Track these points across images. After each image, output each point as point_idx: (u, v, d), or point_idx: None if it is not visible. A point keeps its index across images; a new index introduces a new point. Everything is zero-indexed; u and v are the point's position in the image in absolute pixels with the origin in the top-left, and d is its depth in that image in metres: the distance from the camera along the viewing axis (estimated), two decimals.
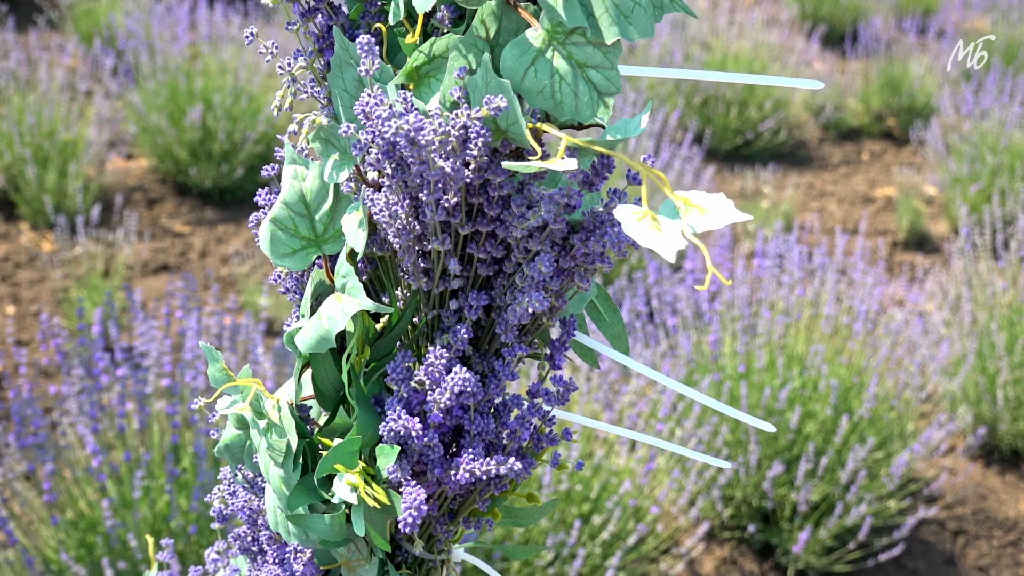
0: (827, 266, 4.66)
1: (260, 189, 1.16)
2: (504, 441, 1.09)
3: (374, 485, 1.05)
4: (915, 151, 8.14)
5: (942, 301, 5.30)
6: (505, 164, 0.94)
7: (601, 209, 1.00)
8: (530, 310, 1.01)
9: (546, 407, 1.09)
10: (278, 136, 1.15)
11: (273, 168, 1.18)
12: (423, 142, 0.96)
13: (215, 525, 1.42)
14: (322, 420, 1.19)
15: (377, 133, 0.98)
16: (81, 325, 3.66)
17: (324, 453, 1.12)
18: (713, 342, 4.31)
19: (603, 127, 1.00)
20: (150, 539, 1.60)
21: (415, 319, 1.13)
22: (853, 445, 4.11)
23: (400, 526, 1.02)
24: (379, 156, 0.99)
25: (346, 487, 1.05)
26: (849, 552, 4.17)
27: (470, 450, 1.06)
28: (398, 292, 1.14)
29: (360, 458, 1.08)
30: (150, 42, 7.07)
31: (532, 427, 1.09)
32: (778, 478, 4.11)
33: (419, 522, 1.01)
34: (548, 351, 1.10)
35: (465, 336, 1.06)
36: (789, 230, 6.37)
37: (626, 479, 3.66)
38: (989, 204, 6.55)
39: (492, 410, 1.09)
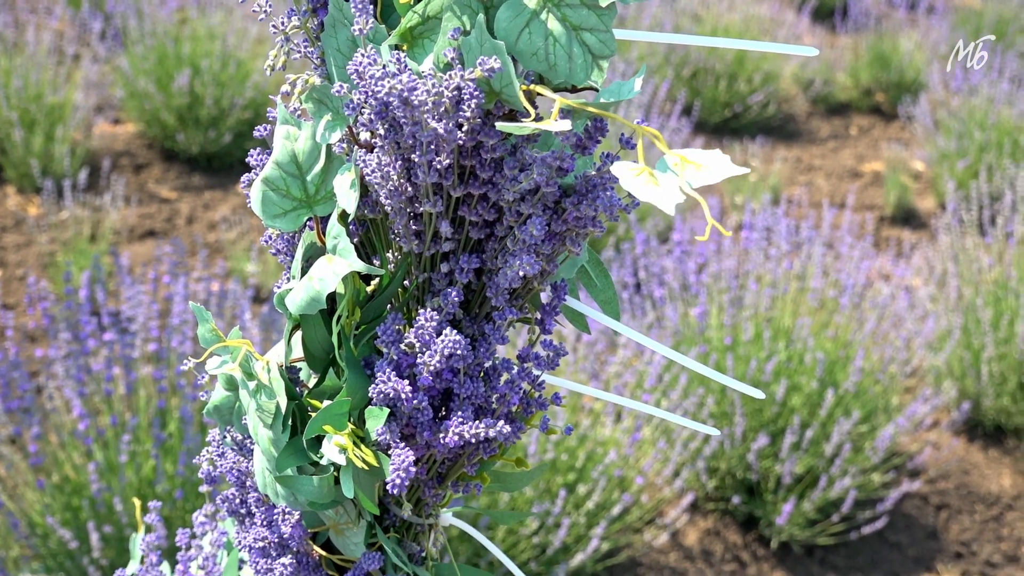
0: (814, 240, 4.66)
1: (249, 155, 1.15)
2: (494, 405, 1.09)
3: (363, 447, 1.05)
4: (903, 126, 8.15)
5: (928, 276, 5.31)
6: (499, 125, 0.93)
7: (594, 173, 1.00)
8: (521, 273, 1.00)
9: (536, 371, 1.09)
10: (270, 96, 1.14)
11: (265, 129, 1.17)
12: (416, 102, 0.95)
13: (203, 488, 1.42)
14: (311, 382, 1.19)
15: (370, 93, 0.97)
16: (68, 289, 3.65)
17: (313, 415, 1.12)
18: (700, 314, 4.31)
19: (596, 90, 1.00)
20: (137, 502, 1.60)
21: (405, 282, 1.13)
22: (838, 418, 4.12)
23: (388, 487, 1.01)
24: (372, 116, 0.99)
25: (335, 448, 1.04)
26: (832, 525, 4.18)
27: (459, 413, 1.06)
28: (389, 255, 1.14)
29: (349, 420, 1.08)
30: (138, 6, 7.03)
31: (522, 391, 1.09)
32: (763, 450, 4.12)
33: (407, 484, 1.01)
34: (538, 315, 1.10)
35: (456, 299, 1.05)
36: (777, 203, 6.37)
37: (611, 449, 3.67)
38: (976, 180, 6.55)
39: (482, 374, 1.09)
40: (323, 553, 1.21)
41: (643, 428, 3.89)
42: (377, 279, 1.13)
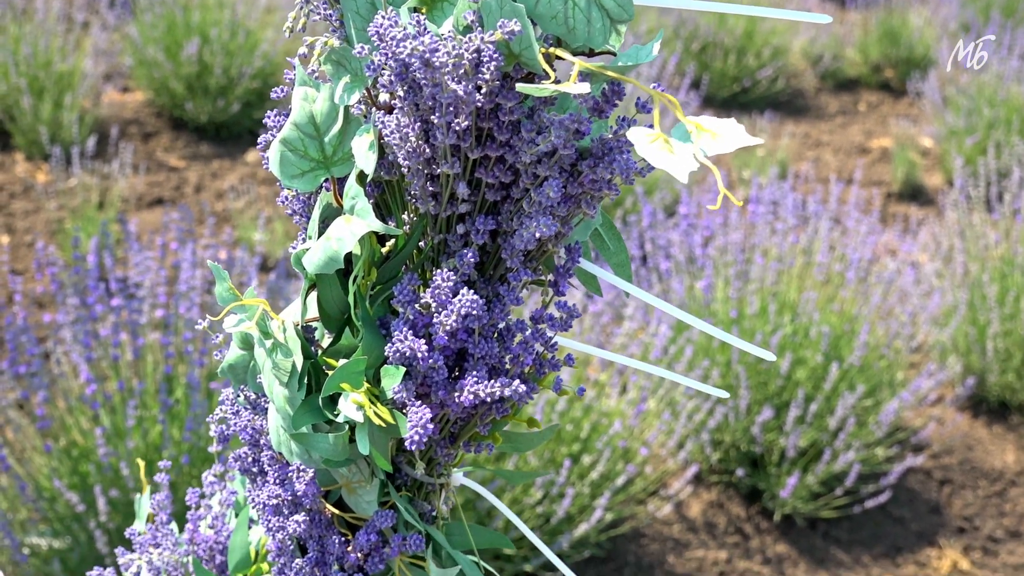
0: (821, 214, 4.66)
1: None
2: (507, 366, 1.10)
3: (379, 405, 1.06)
4: (912, 103, 8.14)
5: (935, 252, 5.32)
6: (519, 87, 0.94)
7: (610, 136, 1.01)
8: (537, 235, 1.01)
9: (549, 333, 1.10)
10: (288, 59, 1.15)
11: (282, 90, 1.18)
12: (437, 64, 0.96)
13: (212, 448, 1.44)
14: (324, 342, 1.20)
15: (391, 54, 0.98)
16: (76, 255, 3.66)
17: (329, 373, 1.13)
18: (706, 287, 4.32)
19: (614, 54, 1.00)
20: (141, 463, 1.61)
21: (421, 243, 1.14)
22: (842, 392, 4.13)
23: (407, 444, 1.03)
24: (392, 78, 0.99)
25: (352, 406, 1.06)
26: (836, 498, 4.20)
27: (474, 373, 1.07)
28: (404, 216, 1.15)
29: (364, 379, 1.09)
30: None
31: (535, 352, 1.10)
32: (767, 423, 4.13)
33: (425, 440, 1.02)
34: (552, 277, 1.11)
35: (471, 260, 1.06)
36: (784, 178, 6.37)
37: (616, 420, 3.68)
38: (984, 157, 6.55)
39: (496, 335, 1.10)
40: (335, 511, 1.22)
41: (648, 400, 3.90)
42: (392, 240, 1.14)
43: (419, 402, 1.06)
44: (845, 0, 9.84)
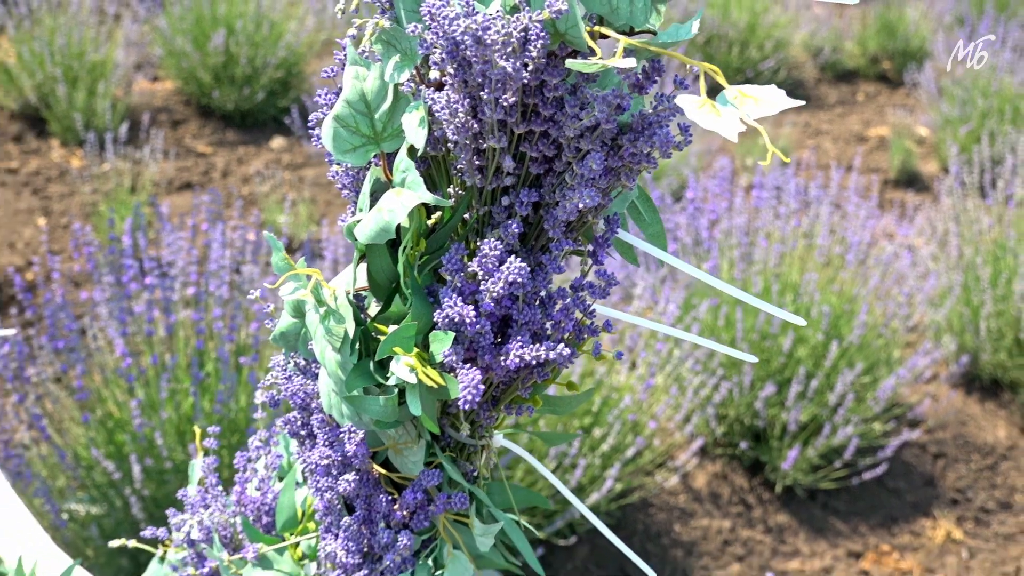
0: (822, 199, 4.66)
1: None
2: (548, 331, 1.11)
3: (429, 368, 1.07)
4: (908, 93, 8.13)
5: (930, 236, 5.32)
6: (569, 63, 0.95)
7: (650, 111, 1.02)
8: (580, 205, 1.02)
9: (589, 300, 1.11)
10: (336, 40, 1.16)
11: (332, 70, 1.19)
12: (488, 41, 0.97)
13: (257, 415, 1.45)
14: (372, 310, 1.21)
15: (443, 33, 0.99)
16: (111, 236, 3.67)
17: (379, 339, 1.14)
18: (712, 268, 4.32)
19: (654, 33, 1.01)
20: (197, 429, 1.62)
21: (466, 216, 1.14)
22: (842, 369, 4.13)
23: (460, 403, 1.03)
24: (443, 56, 1.00)
25: (404, 368, 1.06)
26: (835, 470, 4.20)
27: (518, 338, 1.08)
28: (449, 190, 1.16)
29: (414, 344, 1.10)
30: None
31: (575, 319, 1.11)
32: (770, 399, 4.14)
33: (477, 400, 1.03)
34: (591, 247, 1.12)
35: (515, 231, 1.07)
36: (786, 165, 6.36)
37: (626, 395, 3.69)
38: (978, 145, 6.54)
39: (538, 301, 1.11)
40: (382, 471, 1.23)
41: (656, 376, 3.91)
42: (438, 213, 1.14)
43: (467, 365, 1.06)
44: None
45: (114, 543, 1.61)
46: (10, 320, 4.42)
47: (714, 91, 0.96)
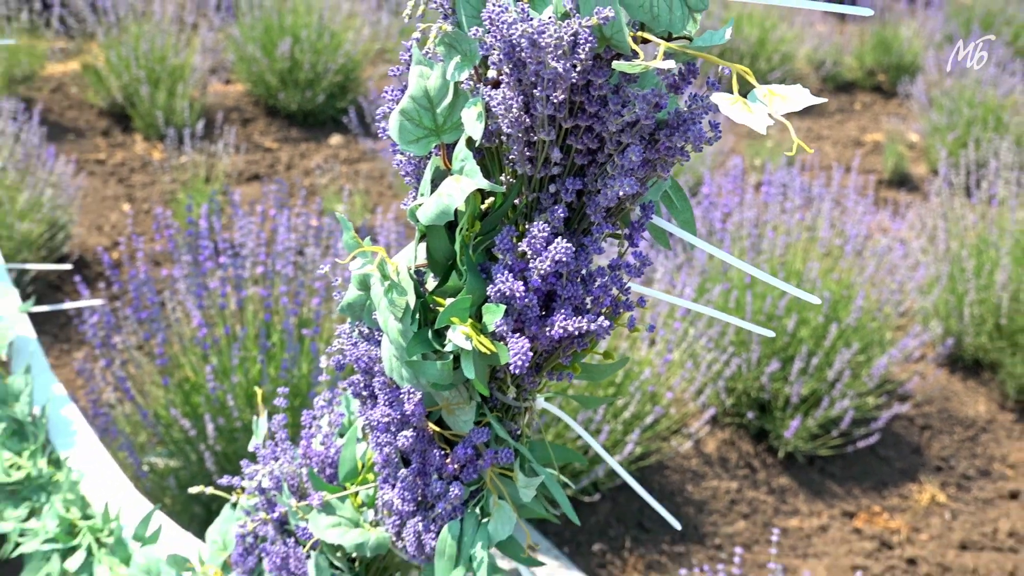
0: (824, 196, 4.64)
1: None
2: (588, 306, 1.11)
3: (482, 336, 1.07)
4: (901, 103, 8.07)
5: (920, 231, 5.29)
6: (616, 64, 0.95)
7: (685, 109, 1.01)
8: (620, 193, 1.02)
9: (625, 278, 1.11)
10: (402, 42, 1.15)
11: (397, 69, 1.19)
12: (543, 44, 0.96)
13: (322, 378, 1.45)
14: (430, 285, 1.21)
15: (502, 36, 0.98)
16: (190, 220, 3.68)
17: (436, 310, 1.14)
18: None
19: (690, 39, 1.00)
20: (259, 390, 1.63)
21: (516, 201, 1.14)
22: (840, 349, 4.11)
23: (511, 368, 1.04)
24: (501, 57, 1.00)
25: (461, 336, 1.07)
26: (832, 439, 4.19)
27: (562, 311, 1.08)
28: (501, 178, 1.15)
29: (469, 315, 1.10)
30: None
31: (613, 295, 1.11)
32: (774, 374, 4.13)
33: (526, 365, 1.03)
34: (627, 231, 1.11)
35: (561, 215, 1.07)
36: (791, 165, 6.33)
37: (646, 368, 3.68)
38: (964, 150, 6.50)
39: (580, 279, 1.11)
40: (436, 428, 1.23)
41: (673, 352, 3.90)
42: (491, 198, 1.14)
43: (516, 335, 1.06)
44: (845, 15, 9.75)
45: (193, 490, 1.61)
46: (99, 293, 4.45)
47: (741, 92, 0.95)
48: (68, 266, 2.68)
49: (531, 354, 1.03)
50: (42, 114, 5.99)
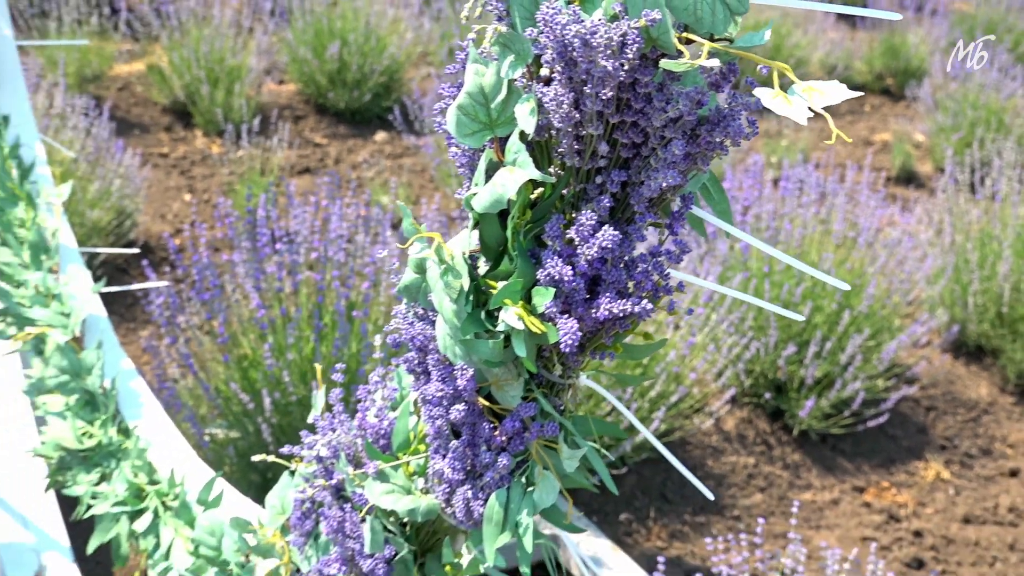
0: (837, 191, 4.61)
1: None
2: (631, 290, 1.10)
3: (532, 317, 1.06)
4: (908, 105, 8.01)
5: (928, 225, 5.25)
6: (664, 63, 0.94)
7: (726, 106, 1.00)
8: (664, 184, 1.01)
9: (665, 264, 1.10)
10: (457, 42, 1.15)
11: (453, 67, 1.18)
12: (594, 44, 0.96)
13: (377, 355, 1.45)
14: (482, 269, 1.20)
15: (555, 36, 0.98)
16: (248, 208, 3.69)
17: (488, 293, 1.13)
18: (744, 247, 4.29)
19: (731, 40, 1.00)
20: (318, 367, 1.63)
21: (564, 192, 1.14)
22: (852, 334, 4.09)
23: (561, 347, 1.03)
24: (554, 56, 0.99)
25: (513, 316, 1.06)
26: (843, 419, 4.17)
27: (607, 294, 1.07)
28: (550, 170, 1.15)
29: (520, 297, 1.09)
30: None
31: (653, 280, 1.10)
32: (790, 357, 4.11)
33: (576, 344, 1.02)
34: (668, 220, 1.11)
35: (607, 205, 1.06)
36: (807, 162, 6.29)
37: (671, 351, 3.67)
38: (969, 149, 6.45)
39: (623, 264, 1.10)
40: (486, 403, 1.23)
41: (697, 335, 3.88)
42: (540, 189, 1.14)
43: (565, 316, 1.06)
44: (856, 22, 9.68)
45: (255, 458, 1.62)
46: (163, 276, 4.47)
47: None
48: (136, 250, 2.69)
49: (580, 334, 1.03)
50: (110, 111, 6.02)
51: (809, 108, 0.90)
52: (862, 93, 0.85)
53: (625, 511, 3.62)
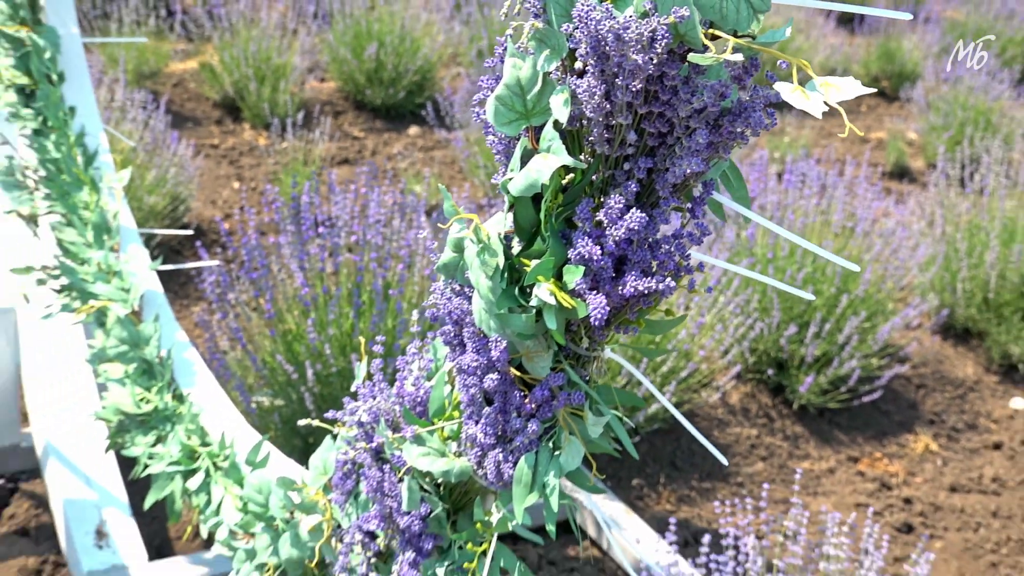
0: (836, 184, 4.58)
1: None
2: (654, 269, 1.09)
3: (563, 293, 1.06)
4: (902, 106, 7.95)
5: (920, 216, 5.21)
6: (691, 56, 0.93)
7: (747, 98, 0.99)
8: (688, 171, 1.00)
9: (687, 245, 1.09)
10: (497, 38, 1.14)
11: (493, 61, 1.17)
12: (627, 38, 0.95)
13: (414, 328, 1.44)
14: (515, 249, 1.19)
15: (589, 32, 0.97)
16: (293, 195, 3.69)
17: (521, 271, 1.12)
18: (750, 235, 4.26)
19: (753, 37, 0.98)
20: (362, 339, 1.62)
21: (593, 177, 1.12)
22: (849, 317, 4.07)
23: (591, 320, 1.02)
24: (587, 50, 0.98)
25: (546, 291, 1.05)
26: (840, 394, 4.15)
27: (632, 273, 1.06)
28: (581, 157, 1.14)
29: (552, 274, 1.08)
30: None
31: (675, 260, 1.09)
32: (791, 337, 4.09)
33: (604, 319, 1.01)
34: (690, 205, 1.09)
35: (633, 190, 1.05)
36: (809, 157, 6.25)
37: (682, 330, 3.66)
38: (959, 147, 6.40)
39: (647, 245, 1.09)
40: (517, 373, 1.22)
41: (706, 315, 3.87)
42: (571, 175, 1.13)
43: (593, 292, 1.05)
44: (854, 28, 9.60)
45: (301, 423, 1.62)
46: (215, 256, 4.48)
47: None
48: (189, 232, 2.69)
49: (608, 309, 1.02)
50: (166, 105, 6.03)
51: (824, 103, 0.89)
52: (874, 90, 0.83)
53: (637, 477, 3.62)
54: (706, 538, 2.78)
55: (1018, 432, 4.21)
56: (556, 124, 1.06)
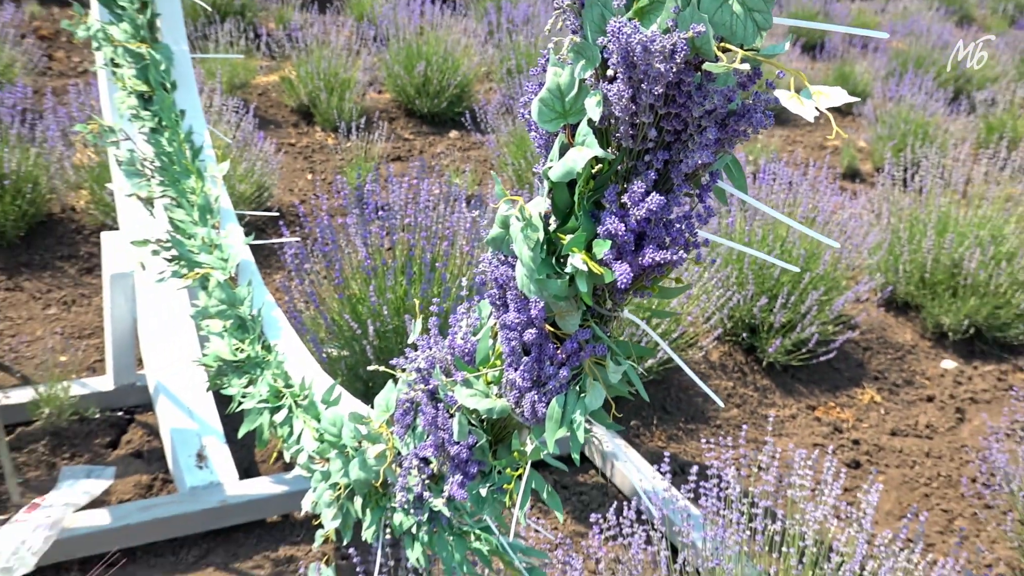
0: (801, 182, 4.53)
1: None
2: (668, 243, 1.07)
3: (592, 262, 1.04)
4: (854, 119, 7.86)
5: (869, 210, 5.15)
6: (707, 65, 0.90)
7: (750, 101, 0.97)
8: (698, 162, 0.98)
9: (696, 225, 1.07)
10: (540, 50, 1.11)
11: (536, 70, 1.15)
12: (653, 49, 0.92)
13: (463, 293, 1.43)
14: (552, 226, 1.18)
15: (621, 44, 0.94)
16: (358, 184, 3.67)
17: (558, 243, 1.11)
18: (731, 222, 4.23)
19: (757, 50, 0.96)
20: (417, 301, 1.61)
21: (619, 167, 1.11)
22: (810, 291, 4.03)
23: (617, 284, 1.01)
24: (618, 59, 0.96)
25: (579, 260, 1.04)
26: (801, 354, 4.12)
27: (650, 246, 1.04)
28: (609, 150, 1.12)
29: (583, 247, 1.07)
30: (396, 22, 6.99)
31: (685, 236, 1.07)
32: (763, 307, 4.05)
33: (628, 283, 1.00)
34: (698, 191, 1.07)
35: (652, 178, 1.03)
36: (780, 160, 6.18)
37: (673, 299, 3.63)
38: (902, 153, 6.32)
39: (663, 224, 1.08)
40: (551, 329, 1.21)
41: (693, 288, 3.84)
42: (599, 165, 1.11)
43: (618, 261, 1.03)
44: (816, 55, 9.48)
45: (369, 368, 1.61)
46: (294, 233, 4.47)
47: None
48: (274, 214, 2.68)
49: (631, 275, 1.00)
50: (253, 111, 6.01)
51: (815, 108, 0.86)
52: (859, 99, 0.81)
53: (634, 419, 3.61)
54: (693, 469, 2.76)
55: (947, 388, 4.17)
56: (589, 122, 1.04)
